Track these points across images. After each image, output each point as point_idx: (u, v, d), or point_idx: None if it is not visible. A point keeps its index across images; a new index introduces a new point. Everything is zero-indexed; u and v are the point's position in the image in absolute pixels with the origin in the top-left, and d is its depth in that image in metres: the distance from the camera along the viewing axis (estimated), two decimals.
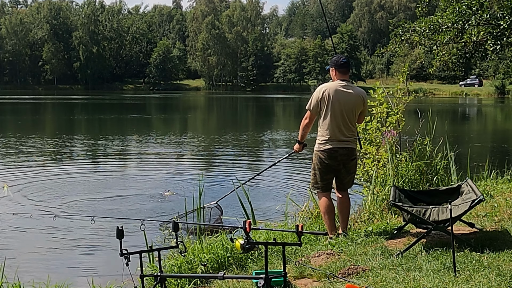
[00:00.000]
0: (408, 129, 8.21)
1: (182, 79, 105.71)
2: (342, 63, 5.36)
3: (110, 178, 11.72)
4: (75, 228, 7.46)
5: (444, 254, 4.40)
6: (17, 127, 25.61)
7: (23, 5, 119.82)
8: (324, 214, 5.43)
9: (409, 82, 8.41)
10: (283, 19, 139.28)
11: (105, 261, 6.25)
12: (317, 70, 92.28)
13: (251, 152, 17.30)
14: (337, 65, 5.36)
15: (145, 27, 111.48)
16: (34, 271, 5.88)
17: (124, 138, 20.97)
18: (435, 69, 12.36)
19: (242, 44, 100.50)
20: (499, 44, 10.30)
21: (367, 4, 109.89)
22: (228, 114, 42.26)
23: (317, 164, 5.38)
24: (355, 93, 5.32)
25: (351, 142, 5.37)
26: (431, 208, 4.72)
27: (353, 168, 5.48)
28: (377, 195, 6.67)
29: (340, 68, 5.36)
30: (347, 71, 5.42)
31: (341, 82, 5.32)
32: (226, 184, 10.37)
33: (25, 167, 13.02)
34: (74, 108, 45.82)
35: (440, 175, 7.35)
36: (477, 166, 9.28)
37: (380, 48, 13.04)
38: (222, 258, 4.88)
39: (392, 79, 71.78)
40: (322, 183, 5.41)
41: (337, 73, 5.37)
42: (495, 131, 27.79)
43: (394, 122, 7.40)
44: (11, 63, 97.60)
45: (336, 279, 4.11)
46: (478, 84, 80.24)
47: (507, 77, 71.88)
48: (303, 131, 5.50)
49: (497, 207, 6.10)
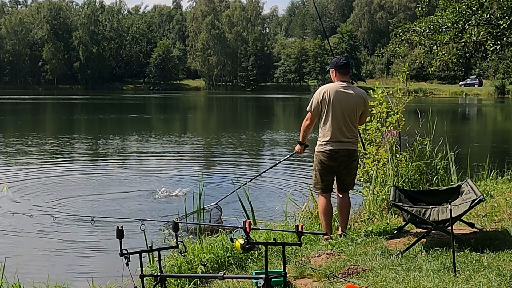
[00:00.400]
0: (408, 129, 8.20)
1: (182, 79, 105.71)
2: (342, 64, 5.36)
3: (110, 178, 11.72)
4: (75, 228, 7.46)
5: (444, 254, 4.40)
6: (17, 127, 25.60)
7: (23, 5, 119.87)
8: (321, 214, 5.44)
9: (409, 82, 8.40)
10: (283, 19, 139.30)
11: (105, 261, 6.25)
12: (317, 70, 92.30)
13: (251, 152, 17.30)
14: (337, 66, 5.37)
15: (145, 27, 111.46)
16: (34, 271, 5.88)
17: (124, 138, 20.98)
18: (435, 69, 12.36)
19: (242, 44, 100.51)
20: (499, 44, 10.29)
21: (367, 4, 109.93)
22: (228, 114, 42.26)
23: (318, 165, 5.38)
24: (356, 93, 5.32)
25: (352, 143, 5.36)
26: (431, 208, 4.72)
27: (354, 169, 5.48)
28: (377, 195, 6.66)
29: (340, 69, 5.36)
30: (347, 72, 5.42)
31: (342, 83, 5.33)
32: (226, 184, 10.37)
33: (25, 167, 13.02)
34: (74, 108, 45.83)
35: (440, 175, 7.35)
36: (477, 166, 9.28)
37: (380, 48, 13.04)
38: (222, 258, 4.88)
39: (392, 79, 71.82)
40: (322, 184, 5.41)
41: (337, 74, 5.37)
42: (495, 131, 27.78)
43: (394, 122, 7.40)
44: (11, 63, 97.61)
45: (336, 279, 4.11)
46: (478, 84, 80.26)
47: (507, 77, 71.92)
48: (304, 132, 5.51)
49: (497, 207, 6.10)
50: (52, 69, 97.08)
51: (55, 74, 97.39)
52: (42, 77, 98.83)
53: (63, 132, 23.06)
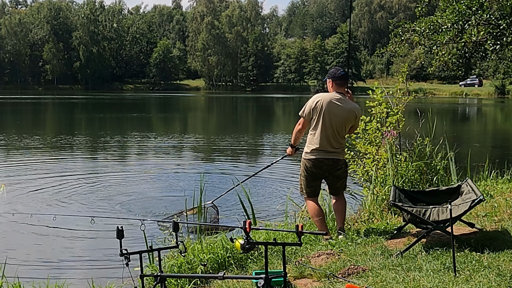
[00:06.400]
0: (408, 129, 8.20)
1: (182, 79, 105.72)
2: (339, 76, 5.40)
3: (110, 178, 11.71)
4: (75, 228, 7.45)
5: (444, 254, 4.40)
6: (17, 127, 25.60)
7: (23, 5, 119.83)
8: (313, 217, 5.51)
9: (409, 82, 8.41)
10: (283, 19, 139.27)
11: (105, 261, 6.24)
12: (317, 70, 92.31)
13: (251, 152, 17.30)
14: (334, 77, 5.40)
15: (145, 27, 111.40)
16: (34, 271, 5.87)
17: (123, 137, 20.98)
18: (435, 69, 12.36)
19: (242, 44, 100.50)
20: (499, 44, 10.30)
21: (367, 4, 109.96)
22: (228, 114, 42.25)
23: (304, 171, 5.47)
24: (348, 108, 5.35)
25: (338, 153, 5.41)
26: (431, 208, 4.72)
27: (342, 175, 5.52)
28: (377, 195, 6.67)
29: (337, 80, 5.40)
30: (344, 83, 5.45)
31: (336, 94, 5.36)
32: (226, 184, 10.35)
33: (25, 167, 13.01)
34: (74, 107, 45.83)
35: (440, 175, 7.36)
36: (477, 166, 9.28)
37: (380, 48, 13.05)
38: (222, 258, 4.88)
39: (392, 79, 71.82)
40: (308, 189, 5.49)
41: (334, 85, 5.41)
42: (495, 131, 27.78)
43: (394, 122, 7.40)
44: (11, 63, 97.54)
45: (336, 279, 4.11)
46: (478, 84, 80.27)
47: (507, 77, 71.97)
48: (296, 136, 5.62)
49: (497, 207, 6.11)
50: (52, 69, 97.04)
51: (55, 74, 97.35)
52: (42, 77, 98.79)
53: (63, 132, 23.06)
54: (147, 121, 31.84)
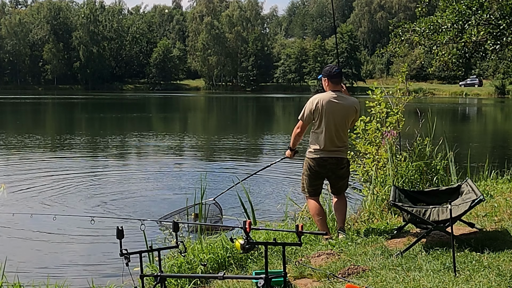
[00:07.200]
0: (408, 129, 8.20)
1: (182, 79, 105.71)
2: (334, 74, 5.38)
3: (110, 178, 11.71)
4: (75, 228, 7.45)
5: (444, 254, 4.40)
6: (17, 127, 25.59)
7: (23, 5, 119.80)
8: (314, 216, 5.51)
9: (408, 82, 8.40)
10: (283, 19, 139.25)
11: (105, 261, 6.24)
12: (317, 70, 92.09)
13: (251, 152, 17.30)
14: (329, 75, 5.38)
15: (145, 27, 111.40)
16: (34, 271, 5.87)
17: (123, 137, 20.97)
18: (435, 69, 12.36)
19: (242, 44, 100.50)
20: (498, 44, 10.30)
21: (367, 4, 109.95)
22: (228, 114, 42.25)
23: (307, 170, 5.47)
24: (348, 104, 5.36)
25: (341, 152, 5.42)
26: (431, 208, 4.72)
27: (345, 174, 5.53)
28: (377, 195, 6.67)
29: (332, 79, 5.38)
30: (340, 81, 5.45)
31: (333, 93, 5.35)
32: (226, 184, 10.35)
33: (25, 167, 13.01)
34: (74, 107, 45.82)
35: (440, 175, 7.35)
36: (477, 166, 9.29)
37: (380, 48, 13.05)
38: (222, 258, 4.88)
39: (392, 79, 71.71)
40: (310, 188, 5.50)
41: (329, 83, 5.39)
42: (495, 131, 27.78)
43: (393, 122, 7.40)
44: (11, 63, 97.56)
45: (336, 279, 4.11)
46: (478, 84, 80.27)
47: (507, 77, 71.95)
48: (295, 139, 5.61)
49: (497, 207, 6.11)
50: (52, 69, 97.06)
51: (55, 74, 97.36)
52: (42, 77, 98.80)
53: (63, 132, 23.06)
54: (147, 121, 31.83)
